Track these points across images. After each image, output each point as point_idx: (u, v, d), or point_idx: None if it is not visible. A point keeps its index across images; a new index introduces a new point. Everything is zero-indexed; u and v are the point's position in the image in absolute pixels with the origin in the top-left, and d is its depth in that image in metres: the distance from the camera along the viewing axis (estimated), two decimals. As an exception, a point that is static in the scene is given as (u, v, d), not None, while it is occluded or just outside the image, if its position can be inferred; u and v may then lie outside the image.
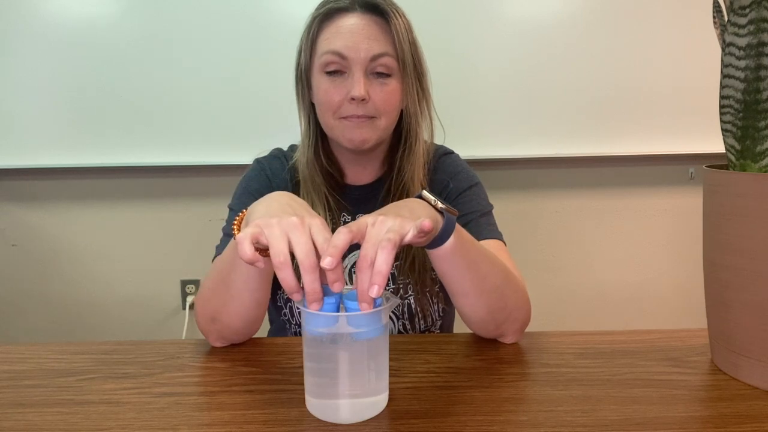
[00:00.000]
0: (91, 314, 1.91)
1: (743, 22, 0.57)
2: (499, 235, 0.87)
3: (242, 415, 0.56)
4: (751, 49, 0.57)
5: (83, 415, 0.57)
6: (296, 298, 0.54)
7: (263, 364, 0.69)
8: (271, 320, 1.00)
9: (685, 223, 1.89)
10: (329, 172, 0.90)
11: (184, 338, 1.51)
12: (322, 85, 0.83)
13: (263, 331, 0.95)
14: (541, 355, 0.71)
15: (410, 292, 0.88)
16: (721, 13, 0.63)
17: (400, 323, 0.89)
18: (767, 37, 0.56)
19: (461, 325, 0.89)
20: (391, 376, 0.60)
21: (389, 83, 0.83)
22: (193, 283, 1.90)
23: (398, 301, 0.58)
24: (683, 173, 1.89)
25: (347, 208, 0.91)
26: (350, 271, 0.89)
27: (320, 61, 0.83)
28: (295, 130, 0.94)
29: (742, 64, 0.58)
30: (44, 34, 1.67)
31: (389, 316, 0.59)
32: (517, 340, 0.75)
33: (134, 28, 1.67)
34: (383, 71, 0.82)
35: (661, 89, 1.74)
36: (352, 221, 0.91)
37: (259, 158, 0.96)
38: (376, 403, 0.56)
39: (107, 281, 1.89)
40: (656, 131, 1.77)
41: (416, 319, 0.89)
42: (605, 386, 0.61)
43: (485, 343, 0.75)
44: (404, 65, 0.83)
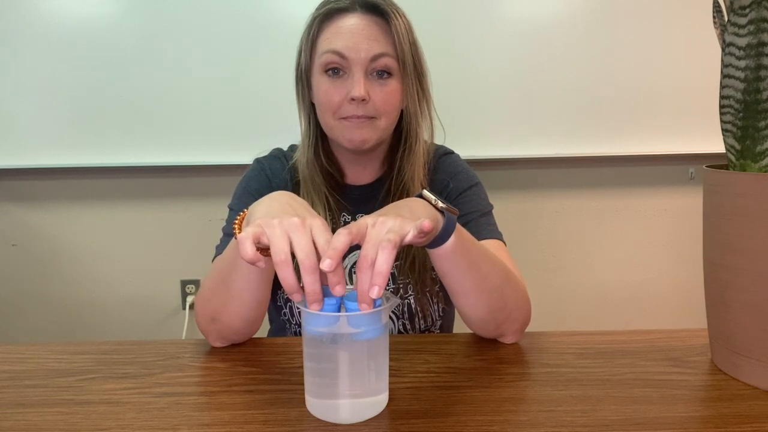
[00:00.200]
0: (91, 314, 1.91)
1: (743, 22, 0.57)
2: (499, 235, 0.87)
3: (242, 415, 0.56)
4: (751, 49, 0.57)
5: (83, 415, 0.57)
6: (296, 298, 0.54)
7: (263, 364, 0.69)
8: (271, 320, 1.00)
9: (685, 223, 1.89)
10: (329, 172, 0.90)
11: (184, 338, 1.51)
12: (322, 85, 0.83)
13: (263, 331, 0.95)
14: (541, 355, 0.71)
15: (410, 292, 0.88)
16: (721, 13, 0.63)
17: (400, 323, 0.89)
18: (767, 37, 0.56)
19: (461, 325, 0.89)
20: (391, 376, 0.60)
21: (389, 83, 0.83)
22: (193, 283, 1.90)
23: (398, 301, 0.58)
24: (683, 173, 1.89)
25: (347, 208, 0.91)
26: (350, 271, 0.89)
27: (320, 61, 0.83)
28: (295, 130, 0.94)
29: (742, 64, 0.58)
30: (44, 34, 1.67)
31: (389, 316, 0.59)
32: (517, 340, 0.75)
33: (134, 28, 1.67)
34: (383, 71, 0.82)
35: (661, 89, 1.74)
36: (352, 221, 0.91)
37: (259, 158, 0.96)
38: (376, 403, 0.56)
39: (107, 281, 1.89)
40: (656, 131, 1.77)
41: (416, 319, 0.89)
42: (605, 386, 0.61)
43: (485, 343, 0.75)
44: (404, 65, 0.83)
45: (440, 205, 0.62)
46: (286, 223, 0.55)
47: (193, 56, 1.69)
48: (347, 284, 0.88)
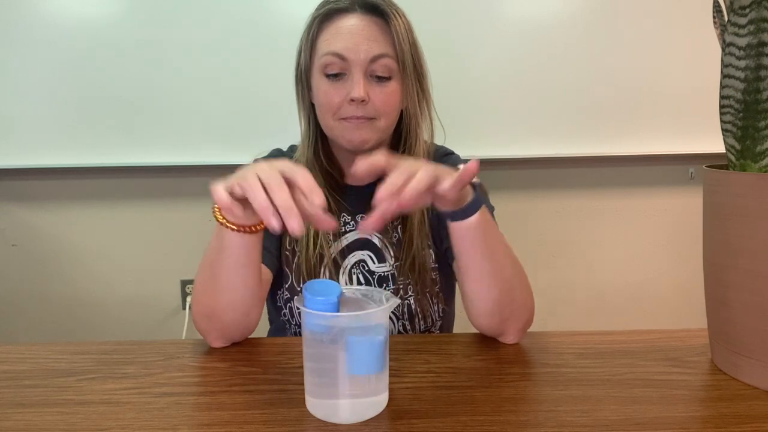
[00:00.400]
0: (91, 314, 1.91)
1: (743, 22, 0.57)
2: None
3: (242, 415, 0.56)
4: (751, 49, 0.57)
5: (83, 415, 0.57)
6: (273, 222, 0.53)
7: (263, 364, 0.69)
8: (270, 321, 1.00)
9: (685, 223, 1.89)
10: (329, 172, 0.91)
11: (184, 338, 1.51)
12: (321, 86, 0.83)
13: (263, 331, 0.95)
14: (541, 355, 0.71)
15: (410, 292, 0.88)
16: (721, 13, 0.63)
17: (400, 324, 0.89)
18: (767, 37, 0.56)
19: (461, 325, 0.89)
20: (391, 376, 0.60)
21: (389, 84, 0.83)
22: (193, 283, 1.90)
23: (398, 301, 0.58)
24: (683, 173, 1.89)
25: (347, 208, 0.91)
26: (350, 271, 0.89)
27: (320, 62, 0.83)
28: (295, 130, 0.94)
29: (742, 64, 0.58)
30: (44, 34, 1.67)
31: (389, 316, 0.59)
32: (518, 340, 0.75)
33: (134, 28, 1.67)
34: (383, 73, 0.82)
35: (661, 89, 1.74)
36: (352, 222, 0.91)
37: (257, 159, 0.96)
38: (376, 403, 0.56)
39: (107, 281, 1.89)
40: (656, 131, 1.77)
41: (416, 319, 0.89)
42: (605, 386, 0.61)
43: (485, 343, 0.75)
44: (404, 66, 0.83)
45: (473, 180, 0.63)
46: (256, 168, 0.57)
47: (193, 56, 1.69)
48: (347, 284, 0.89)
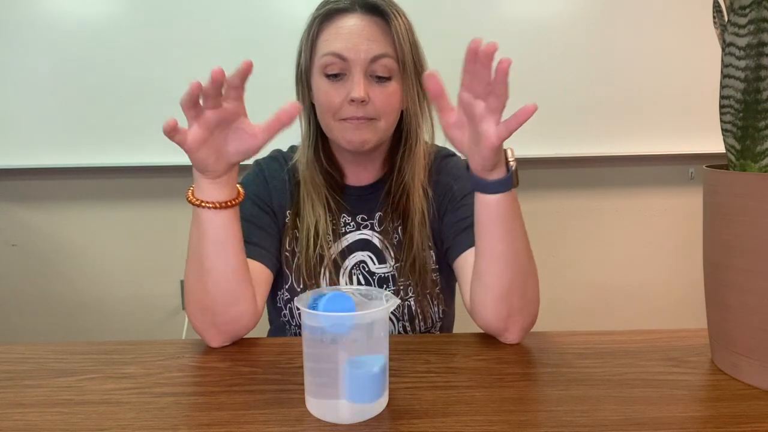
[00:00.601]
0: (91, 314, 1.91)
1: (743, 22, 0.57)
2: None
3: (242, 415, 0.56)
4: (751, 49, 0.57)
5: (83, 415, 0.57)
6: (194, 85, 0.60)
7: (263, 364, 0.69)
8: (270, 321, 1.00)
9: (685, 223, 1.89)
10: (329, 172, 0.90)
11: (183, 338, 1.51)
12: (321, 86, 0.83)
13: (263, 331, 0.95)
14: (541, 355, 0.71)
15: (410, 293, 0.88)
16: (721, 13, 0.63)
17: (400, 325, 0.89)
18: (767, 37, 0.56)
19: (461, 327, 0.89)
20: (391, 376, 0.60)
21: (389, 84, 0.83)
22: (193, 283, 1.90)
23: (398, 301, 0.58)
24: (683, 173, 1.89)
25: (347, 208, 0.91)
26: (350, 272, 0.89)
27: (320, 62, 0.83)
28: (295, 130, 0.94)
29: (742, 64, 0.58)
30: (44, 34, 1.67)
31: (389, 317, 0.59)
32: (519, 340, 0.75)
33: (134, 28, 1.67)
34: (383, 74, 0.82)
35: (661, 89, 1.74)
36: (352, 222, 0.91)
37: (257, 159, 0.96)
38: (376, 403, 0.56)
39: (107, 281, 1.89)
40: (656, 131, 1.77)
41: (416, 320, 0.89)
42: (605, 386, 0.61)
43: (485, 343, 0.75)
44: (404, 66, 0.83)
45: (511, 161, 0.67)
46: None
47: (193, 56, 1.68)
48: (347, 284, 0.89)
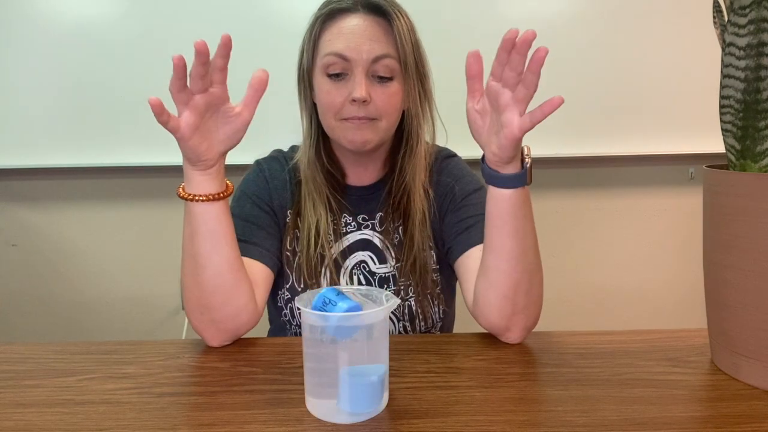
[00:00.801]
0: (91, 314, 1.91)
1: (743, 22, 0.57)
2: None
3: (242, 415, 0.56)
4: (751, 49, 0.57)
5: (83, 415, 0.57)
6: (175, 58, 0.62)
7: (263, 364, 0.69)
8: (271, 320, 1.00)
9: (685, 223, 1.89)
10: (331, 172, 0.90)
11: (184, 338, 1.51)
12: (323, 86, 0.83)
13: (263, 331, 0.95)
14: (541, 355, 0.71)
15: (411, 293, 0.88)
16: (721, 13, 0.63)
17: (400, 325, 0.89)
18: (767, 37, 0.56)
19: (461, 327, 0.89)
20: (391, 376, 0.60)
21: (391, 85, 0.83)
22: (193, 283, 1.89)
23: (398, 301, 0.58)
24: (683, 173, 1.89)
25: (348, 208, 0.91)
26: (351, 272, 0.89)
27: (322, 62, 0.83)
28: (295, 130, 0.94)
29: (742, 64, 0.58)
30: (44, 33, 1.67)
31: (389, 317, 0.59)
32: (520, 339, 0.75)
33: (134, 27, 1.67)
34: (385, 74, 0.82)
35: (661, 89, 1.74)
36: (353, 222, 0.91)
37: (258, 160, 0.97)
38: (376, 403, 0.56)
39: (107, 281, 1.89)
40: (656, 131, 1.77)
41: (417, 321, 0.89)
42: (605, 386, 0.61)
43: (485, 343, 0.75)
44: (406, 67, 0.83)
45: (526, 158, 0.68)
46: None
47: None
48: (347, 284, 0.89)
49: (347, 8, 0.83)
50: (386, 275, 0.89)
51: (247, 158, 0.99)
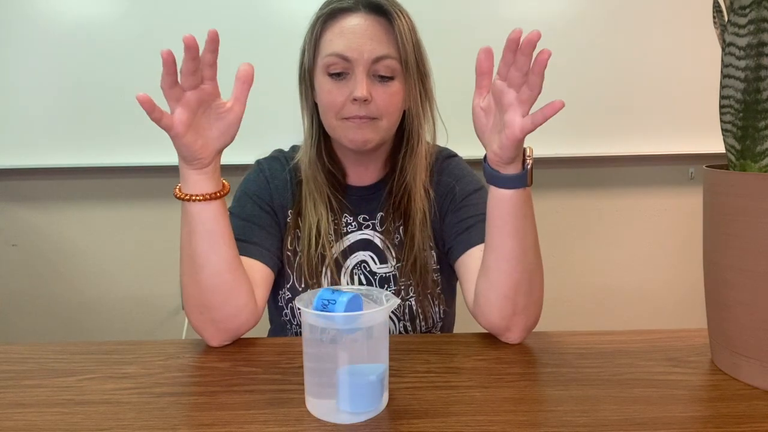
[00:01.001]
0: (91, 314, 1.91)
1: (743, 22, 0.57)
2: None
3: (242, 415, 0.56)
4: (751, 49, 0.57)
5: (83, 415, 0.57)
6: (167, 56, 0.63)
7: (263, 364, 0.69)
8: (271, 320, 1.00)
9: (685, 223, 1.89)
10: (332, 172, 0.90)
11: (184, 338, 1.51)
12: (324, 85, 0.83)
13: (263, 331, 0.95)
14: (541, 355, 0.71)
15: (411, 293, 0.88)
16: (721, 13, 0.63)
17: (401, 324, 0.89)
18: (767, 37, 0.56)
19: (461, 327, 0.89)
20: (391, 376, 0.60)
21: (392, 84, 0.83)
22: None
23: (398, 301, 0.58)
24: (683, 173, 1.89)
25: (349, 208, 0.91)
26: (351, 271, 0.89)
27: (323, 62, 0.83)
28: (295, 130, 0.94)
29: (742, 64, 0.58)
30: (44, 33, 1.67)
31: (390, 317, 0.59)
32: (521, 339, 0.75)
33: (134, 27, 1.67)
34: (386, 74, 0.82)
35: (661, 89, 1.74)
36: (354, 222, 0.91)
37: (259, 159, 0.97)
38: (376, 403, 0.56)
39: (107, 281, 1.89)
40: (656, 131, 1.77)
41: (417, 320, 0.89)
42: (605, 386, 0.61)
43: (485, 343, 0.75)
44: (407, 66, 0.83)
45: (528, 159, 0.68)
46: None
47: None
48: (348, 284, 0.89)
49: (348, 8, 0.83)
50: (387, 275, 0.89)
51: (247, 158, 0.99)
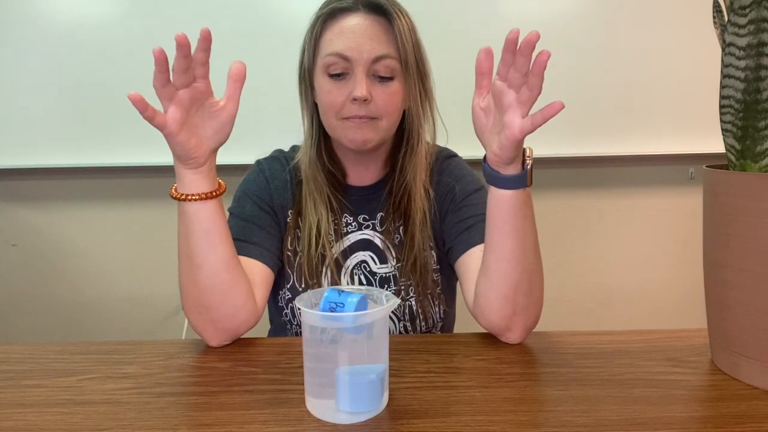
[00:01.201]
0: (91, 314, 1.91)
1: (743, 22, 0.57)
2: None
3: (242, 415, 0.56)
4: (751, 49, 0.57)
5: (83, 415, 0.57)
6: (159, 53, 0.63)
7: (263, 364, 0.69)
8: (271, 320, 1.00)
9: (685, 223, 1.89)
10: (332, 172, 0.90)
11: (184, 338, 1.51)
12: (324, 85, 0.83)
13: (263, 331, 0.95)
14: (541, 355, 0.71)
15: (411, 293, 0.88)
16: (721, 13, 0.63)
17: (401, 325, 0.89)
18: (767, 37, 0.56)
19: (461, 327, 0.89)
20: (391, 376, 0.60)
21: (391, 84, 0.83)
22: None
23: (398, 301, 0.58)
24: (683, 173, 1.89)
25: (349, 208, 0.91)
26: (352, 271, 0.89)
27: (323, 62, 0.83)
28: (295, 130, 0.94)
29: (742, 64, 0.58)
30: (44, 33, 1.67)
31: (390, 317, 0.59)
32: (521, 339, 0.75)
33: (134, 27, 1.67)
34: (385, 74, 0.82)
35: (661, 89, 1.74)
36: (354, 222, 0.91)
37: (259, 159, 0.97)
38: (376, 403, 0.56)
39: (107, 281, 1.89)
40: (656, 131, 1.77)
41: (417, 320, 0.89)
42: (605, 386, 0.61)
43: (485, 343, 0.75)
44: (407, 66, 0.83)
45: (528, 159, 0.68)
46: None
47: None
48: (348, 284, 0.89)
49: (348, 8, 0.83)
50: (387, 275, 0.89)
51: (247, 158, 0.99)
